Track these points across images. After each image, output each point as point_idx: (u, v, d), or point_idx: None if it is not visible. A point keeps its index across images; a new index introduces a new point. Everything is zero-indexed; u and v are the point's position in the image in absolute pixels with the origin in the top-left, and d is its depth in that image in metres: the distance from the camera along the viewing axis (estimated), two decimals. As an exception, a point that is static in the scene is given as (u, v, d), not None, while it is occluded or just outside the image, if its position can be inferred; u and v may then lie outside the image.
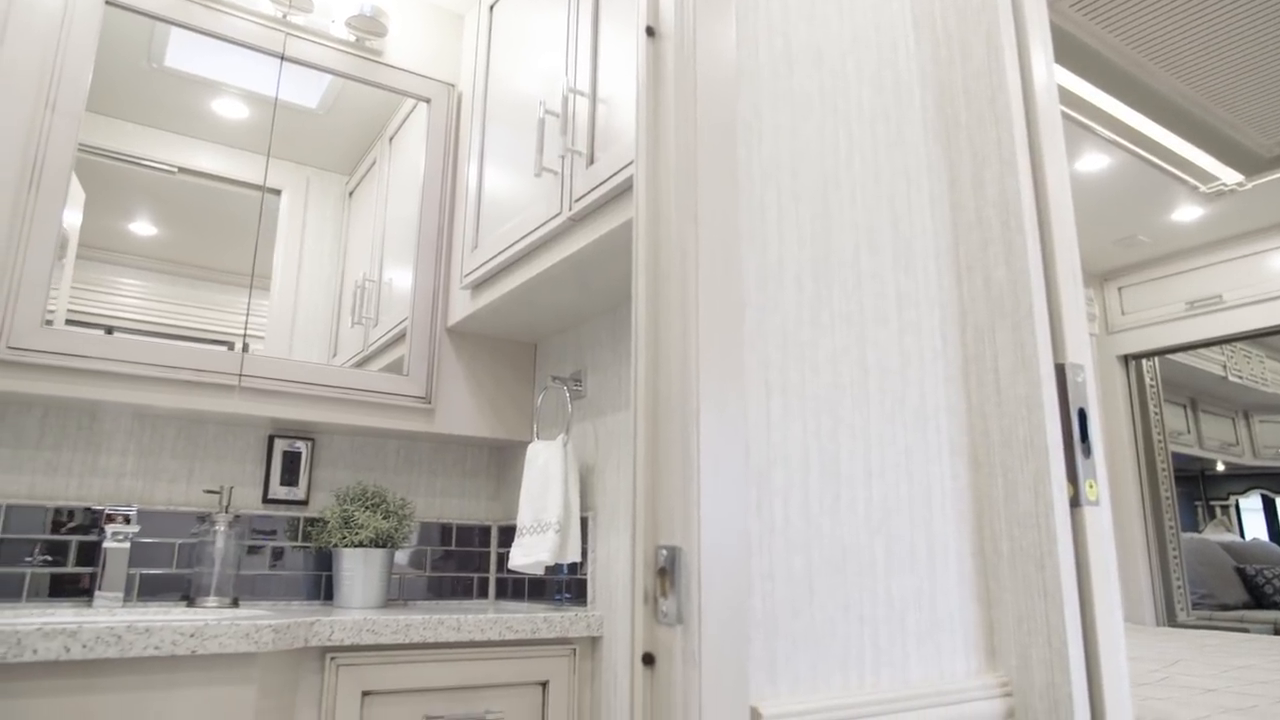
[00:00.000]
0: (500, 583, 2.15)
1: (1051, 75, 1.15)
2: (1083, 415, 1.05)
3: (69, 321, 1.67)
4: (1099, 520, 1.03)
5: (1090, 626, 1.00)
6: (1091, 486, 1.03)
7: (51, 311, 1.65)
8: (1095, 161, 3.15)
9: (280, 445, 1.94)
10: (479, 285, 1.91)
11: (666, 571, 0.83)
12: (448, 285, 2.06)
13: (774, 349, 0.92)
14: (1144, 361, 4.19)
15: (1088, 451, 1.05)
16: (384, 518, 1.85)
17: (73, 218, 1.72)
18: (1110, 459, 4.14)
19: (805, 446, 0.92)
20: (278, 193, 1.95)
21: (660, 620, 0.83)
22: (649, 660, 0.83)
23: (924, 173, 1.13)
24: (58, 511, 1.72)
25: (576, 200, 1.50)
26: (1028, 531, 1.02)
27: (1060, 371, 1.05)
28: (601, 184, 1.43)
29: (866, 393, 0.99)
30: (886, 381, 1.01)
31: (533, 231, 1.63)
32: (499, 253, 1.75)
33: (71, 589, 1.71)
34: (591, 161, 1.48)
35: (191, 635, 1.24)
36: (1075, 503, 1.03)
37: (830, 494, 0.93)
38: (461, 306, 1.98)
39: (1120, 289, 4.26)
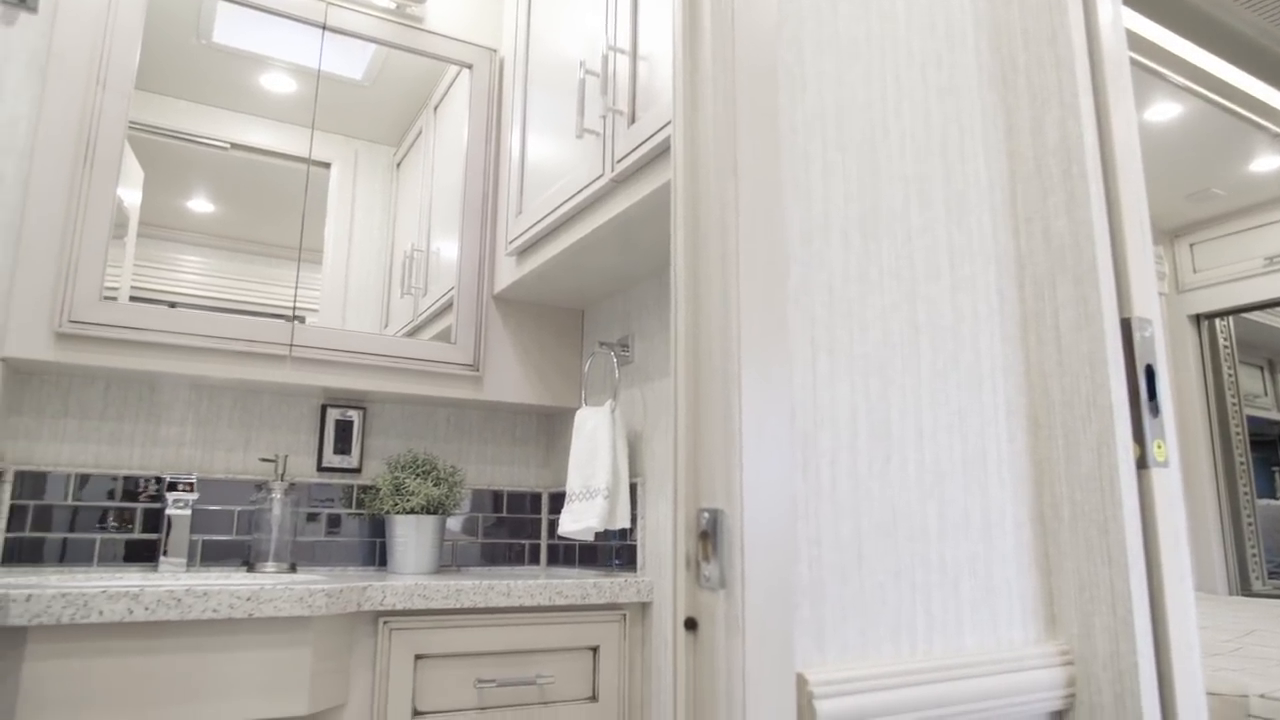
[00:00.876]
0: (552, 549, 2.16)
1: (1118, 11, 1.08)
2: (1150, 372, 1.00)
3: (133, 298, 1.71)
4: (1168, 482, 0.98)
5: (1158, 593, 0.96)
6: (1160, 447, 0.98)
7: (115, 289, 1.69)
8: (1166, 111, 2.99)
9: (333, 414, 1.97)
10: (524, 251, 1.89)
11: (708, 535, 0.81)
12: (493, 253, 2.05)
13: (820, 306, 0.88)
14: (1217, 321, 4.01)
15: (1156, 410, 0.99)
16: (434, 485, 1.87)
17: (133, 197, 1.75)
18: (1181, 424, 3.98)
19: (854, 407, 0.89)
20: (327, 166, 1.96)
21: (702, 585, 0.81)
22: (691, 625, 0.82)
23: (978, 120, 1.07)
24: (126, 480, 1.77)
25: (618, 161, 1.47)
26: (1090, 495, 0.97)
27: (1126, 326, 1.00)
28: (643, 143, 1.39)
29: (918, 351, 0.95)
30: (939, 340, 0.97)
31: (575, 195, 1.60)
32: (542, 218, 1.73)
33: (138, 555, 1.76)
34: (633, 121, 1.45)
35: (248, 599, 1.27)
36: (1142, 464, 0.98)
37: (880, 457, 0.90)
38: (507, 273, 1.97)
39: (1192, 245, 4.07)
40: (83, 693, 1.18)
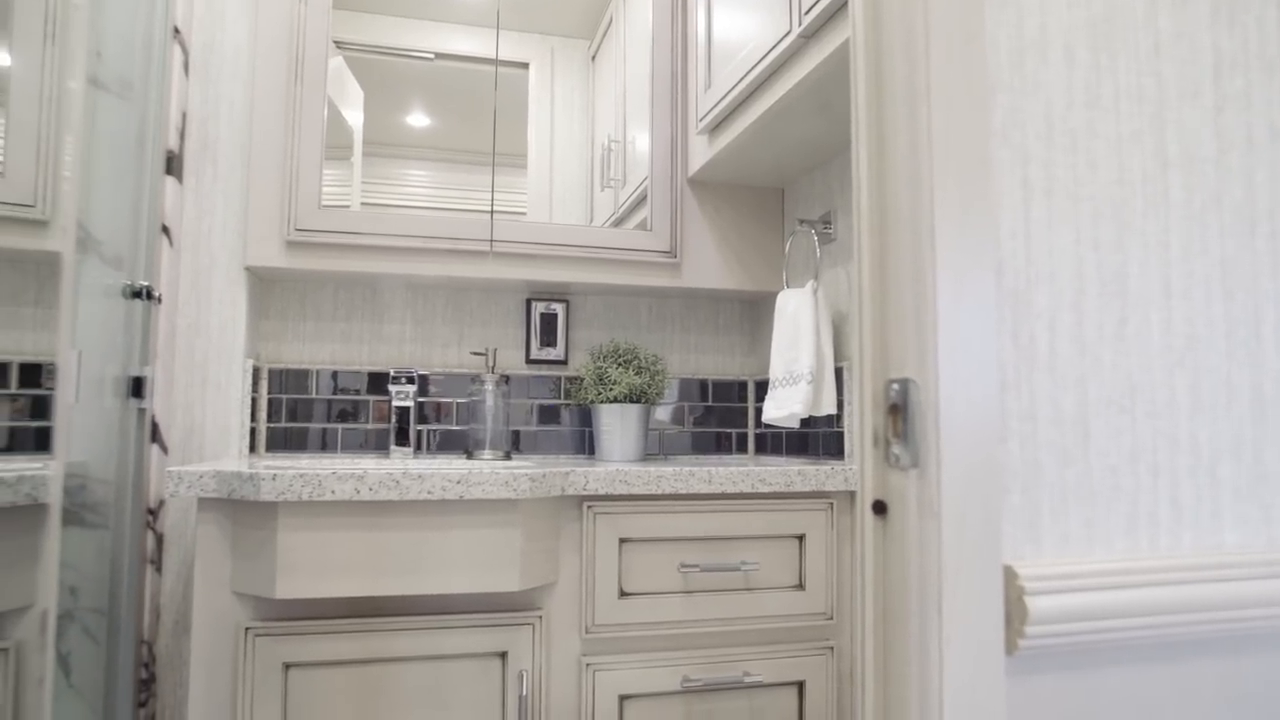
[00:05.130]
0: (761, 438, 2.11)
1: None
2: None
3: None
4: None
5: None
6: None
7: (345, 207, 1.80)
8: None
9: (537, 308, 2.01)
10: (715, 128, 1.80)
11: (898, 409, 0.71)
12: (685, 134, 1.97)
13: (1035, 140, 0.74)
14: None
15: None
16: (636, 373, 1.87)
17: (355, 117, 1.84)
18: None
19: (1078, 260, 0.74)
20: (525, 66, 1.95)
21: (892, 464, 0.72)
22: (880, 509, 0.74)
23: (1261, -112, 0.84)
24: (359, 375, 1.92)
25: (806, 13, 1.32)
26: None
27: None
28: (832, -15, 1.24)
29: (1165, 190, 0.77)
30: (1195, 175, 0.79)
31: (763, 57, 1.48)
32: (731, 87, 1.62)
33: (378, 444, 1.92)
34: (821, -38, 1.30)
35: (457, 482, 1.33)
36: None
37: (1113, 318, 0.75)
38: (700, 154, 1.89)
39: None
40: (324, 560, 1.30)
